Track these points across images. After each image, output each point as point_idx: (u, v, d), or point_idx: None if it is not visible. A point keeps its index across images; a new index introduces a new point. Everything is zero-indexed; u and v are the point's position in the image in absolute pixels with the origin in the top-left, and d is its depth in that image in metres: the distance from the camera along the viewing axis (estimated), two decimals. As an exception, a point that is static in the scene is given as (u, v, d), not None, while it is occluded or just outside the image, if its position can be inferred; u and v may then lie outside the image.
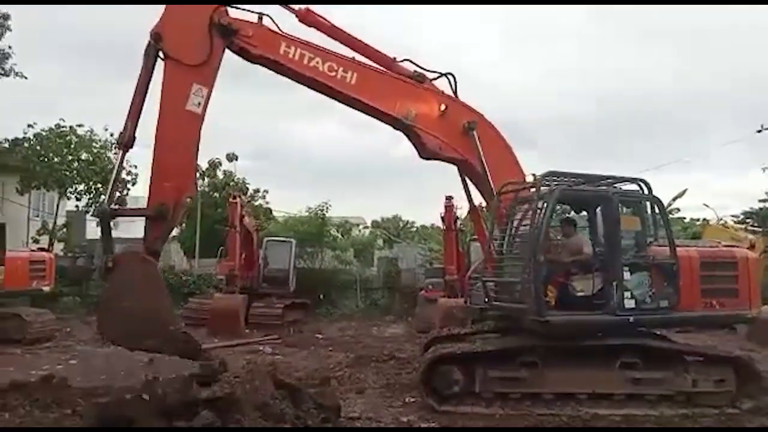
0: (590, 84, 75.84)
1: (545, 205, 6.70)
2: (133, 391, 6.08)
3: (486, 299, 7.26)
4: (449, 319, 10.45)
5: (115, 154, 15.89)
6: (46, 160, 17.96)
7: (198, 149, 6.75)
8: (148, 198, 6.45)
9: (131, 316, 5.81)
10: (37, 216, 22.26)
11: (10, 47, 19.26)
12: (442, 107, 7.44)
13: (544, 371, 6.73)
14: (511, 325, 7.30)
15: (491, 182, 7.49)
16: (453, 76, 7.64)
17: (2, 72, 19.49)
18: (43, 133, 18.60)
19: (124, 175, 19.86)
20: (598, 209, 7.28)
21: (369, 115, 7.53)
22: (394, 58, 7.54)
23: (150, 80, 6.52)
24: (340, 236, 23.04)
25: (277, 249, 16.96)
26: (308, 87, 7.30)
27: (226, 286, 14.17)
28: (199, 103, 6.57)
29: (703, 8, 63.21)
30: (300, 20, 7.26)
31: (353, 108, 7.51)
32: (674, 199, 25.41)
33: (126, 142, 6.59)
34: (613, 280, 6.66)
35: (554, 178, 7.11)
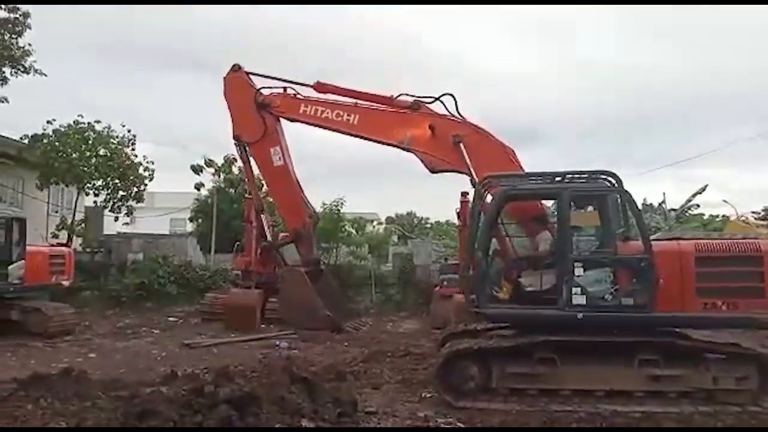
0: (608, 78, 75.00)
1: (492, 205, 7.11)
2: (152, 385, 6.19)
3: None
4: (464, 315, 10.42)
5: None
6: (64, 155, 18.15)
7: (298, 183, 10.05)
8: (288, 230, 9.76)
9: (295, 308, 8.80)
10: (56, 211, 22.54)
11: (30, 44, 19.56)
12: (432, 127, 8.49)
13: (561, 367, 6.68)
14: None
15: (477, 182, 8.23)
16: (452, 96, 8.57)
17: (23, 69, 19.78)
18: (62, 129, 18.81)
19: (141, 171, 20.12)
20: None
21: (376, 143, 9.11)
22: (392, 96, 8.95)
23: (250, 165, 10.22)
24: (354, 232, 23.00)
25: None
26: (325, 129, 9.27)
27: (242, 281, 14.24)
28: (280, 158, 9.77)
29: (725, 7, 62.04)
30: (317, 91, 9.39)
31: (361, 139, 9.15)
32: (694, 195, 25.07)
33: (258, 208, 10.79)
34: (563, 276, 6.61)
35: (494, 180, 7.38)
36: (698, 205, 26.56)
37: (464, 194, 15.26)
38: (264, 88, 9.55)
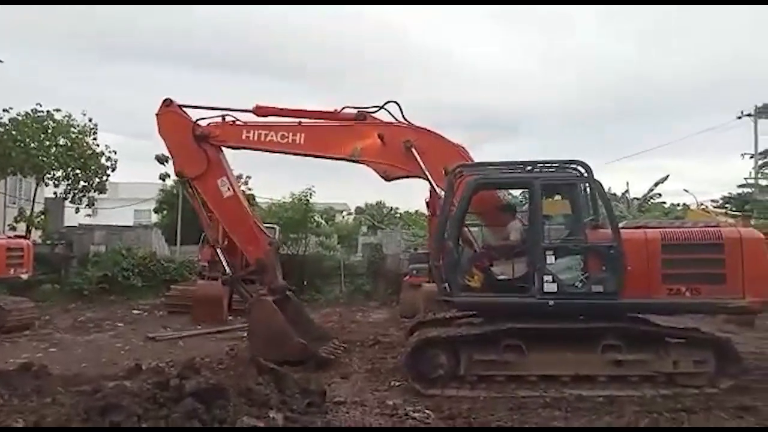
0: (575, 71, 76.02)
1: (462, 194, 7.06)
2: (115, 379, 6.04)
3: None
4: (433, 304, 10.49)
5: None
6: (22, 145, 17.54)
7: (250, 211, 9.49)
8: (248, 260, 9.12)
9: (266, 340, 7.99)
10: (14, 203, 21.83)
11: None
12: (380, 136, 8.41)
13: (527, 354, 6.78)
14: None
15: (435, 185, 8.17)
16: (396, 103, 8.53)
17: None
18: (19, 118, 18.16)
19: (103, 161, 19.61)
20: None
21: (327, 159, 8.88)
22: (335, 110, 8.73)
23: (198, 201, 9.22)
24: (324, 222, 22.93)
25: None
26: (273, 153, 8.96)
27: (208, 273, 14.03)
28: (229, 188, 8.97)
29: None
30: (257, 115, 8.84)
31: (311, 158, 8.91)
32: (656, 185, 25.77)
33: (214, 242, 9.57)
34: (534, 264, 6.73)
35: (465, 170, 7.43)
36: (660, 195, 27.32)
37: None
38: (201, 119, 8.95)
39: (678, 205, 26.74)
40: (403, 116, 8.52)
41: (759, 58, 55.78)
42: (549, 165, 7.43)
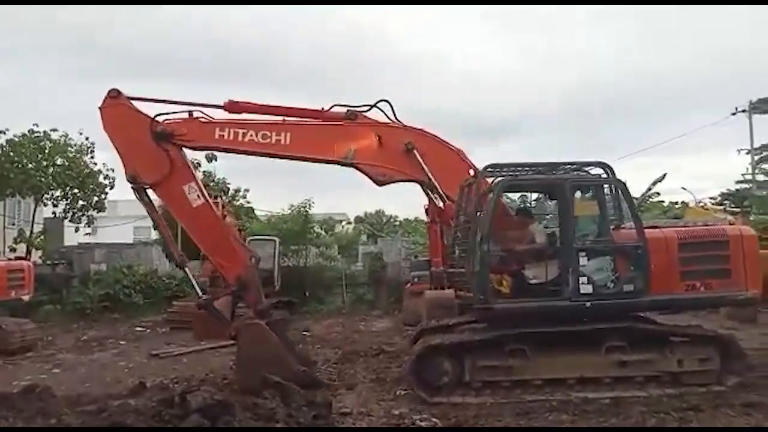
0: (572, 71, 76.37)
1: (491, 195, 6.87)
2: (120, 398, 6.03)
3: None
4: (436, 311, 10.46)
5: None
6: (20, 166, 17.58)
7: (224, 221, 8.13)
8: (226, 278, 7.84)
9: (260, 369, 6.46)
10: (13, 224, 21.82)
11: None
12: (379, 137, 7.71)
13: (532, 358, 6.76)
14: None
15: (440, 190, 7.74)
16: (388, 102, 7.81)
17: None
18: (16, 139, 18.20)
19: (101, 179, 19.62)
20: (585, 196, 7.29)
21: (314, 163, 7.98)
22: (322, 108, 7.81)
23: (155, 210, 7.98)
24: (323, 233, 22.94)
25: (261, 248, 16.82)
26: (252, 156, 7.85)
27: (210, 288, 14.00)
28: (198, 195, 7.56)
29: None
30: (229, 111, 7.69)
31: (296, 160, 7.94)
32: (654, 183, 25.78)
33: (181, 262, 8.21)
34: (568, 267, 6.69)
35: (495, 170, 7.26)
36: (658, 193, 27.35)
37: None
38: (160, 114, 7.53)
39: (676, 203, 26.77)
40: (395, 116, 7.86)
41: (755, 55, 56.00)
42: (570, 166, 7.41)
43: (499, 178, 7.24)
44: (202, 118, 7.67)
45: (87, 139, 19.39)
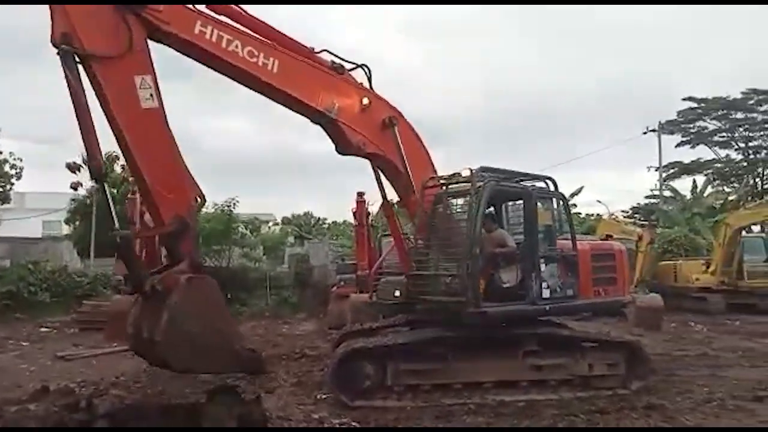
0: (491, 81, 78.71)
1: (479, 198, 6.85)
2: (19, 403, 5.62)
3: (402, 293, 7.45)
4: (361, 315, 10.48)
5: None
6: None
7: (176, 144, 5.83)
8: (159, 215, 5.70)
9: (197, 340, 5.11)
10: None
11: None
12: (365, 101, 7.16)
13: (452, 363, 6.90)
14: (435, 318, 7.21)
15: (412, 178, 7.37)
16: (368, 68, 7.40)
17: None
18: None
19: (7, 168, 18.32)
20: (515, 204, 7.87)
21: (288, 107, 6.97)
22: (312, 49, 7.11)
23: (84, 91, 5.28)
24: (248, 233, 22.43)
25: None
26: (225, 74, 6.51)
27: (125, 287, 13.36)
28: (152, 95, 5.65)
29: (599, 7, 67.46)
30: (214, 12, 6.44)
31: (272, 98, 6.87)
32: (572, 196, 27.15)
33: (101, 172, 5.64)
34: (532, 272, 7.04)
35: (485, 173, 7.25)
36: (575, 205, 28.80)
37: (360, 194, 15.43)
38: None
39: (592, 215, 28.29)
40: (370, 86, 7.38)
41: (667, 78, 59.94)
42: (523, 178, 7.72)
43: (488, 182, 7.08)
44: (187, 6, 6.18)
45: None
